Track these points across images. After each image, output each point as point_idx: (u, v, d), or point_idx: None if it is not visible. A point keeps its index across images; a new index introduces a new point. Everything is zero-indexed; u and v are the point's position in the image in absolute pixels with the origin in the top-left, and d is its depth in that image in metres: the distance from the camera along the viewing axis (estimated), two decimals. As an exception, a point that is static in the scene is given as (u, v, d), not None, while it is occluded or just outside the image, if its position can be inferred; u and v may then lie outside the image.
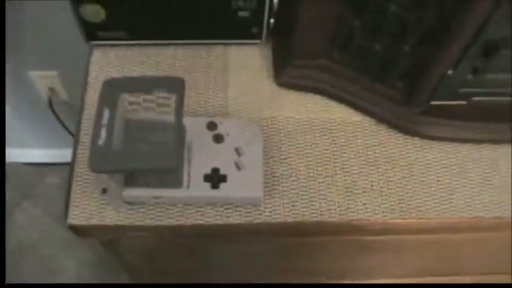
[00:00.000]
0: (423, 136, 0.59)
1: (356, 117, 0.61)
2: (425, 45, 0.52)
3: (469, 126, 0.58)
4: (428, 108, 0.58)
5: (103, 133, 0.47)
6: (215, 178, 0.53)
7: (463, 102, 0.59)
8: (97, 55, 0.63)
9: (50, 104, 1.05)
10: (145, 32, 0.63)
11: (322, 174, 0.57)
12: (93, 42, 0.63)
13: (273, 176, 0.57)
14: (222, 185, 0.53)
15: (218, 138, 0.55)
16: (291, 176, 0.57)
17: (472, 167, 0.59)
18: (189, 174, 0.53)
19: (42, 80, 1.01)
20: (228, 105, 0.61)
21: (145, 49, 0.64)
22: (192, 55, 0.64)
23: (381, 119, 0.60)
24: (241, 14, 0.60)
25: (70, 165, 0.57)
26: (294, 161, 0.58)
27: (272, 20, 0.61)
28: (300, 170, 0.57)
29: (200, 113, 0.60)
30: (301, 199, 0.56)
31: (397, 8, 0.50)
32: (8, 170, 1.28)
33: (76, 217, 0.54)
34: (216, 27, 0.62)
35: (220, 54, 0.64)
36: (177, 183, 0.53)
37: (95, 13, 0.59)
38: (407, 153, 0.59)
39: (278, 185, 0.56)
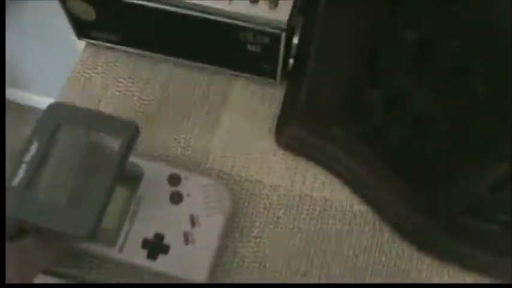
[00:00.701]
0: (436, 256, 0.46)
1: (359, 206, 0.48)
2: (458, 150, 0.39)
3: (497, 262, 0.45)
4: (450, 225, 0.45)
5: (21, 172, 0.39)
6: (155, 247, 0.44)
7: (495, 228, 0.45)
8: (86, 54, 0.55)
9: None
10: (141, 41, 0.53)
11: (293, 270, 0.46)
12: (86, 39, 0.54)
13: (235, 256, 0.46)
14: (161, 257, 0.43)
15: (175, 198, 0.45)
16: (255, 262, 0.46)
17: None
18: (127, 234, 0.44)
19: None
20: (209, 151, 0.50)
21: (140, 59, 0.54)
22: (190, 79, 0.53)
23: (388, 220, 0.47)
24: (250, 47, 0.48)
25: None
26: (265, 243, 0.47)
27: (291, 61, 0.50)
28: (268, 257, 0.46)
29: (171, 155, 0.50)
30: (260, 293, 0.45)
31: (426, 100, 0.37)
32: None
33: None
34: (222, 53, 0.51)
35: (223, 85, 0.53)
36: (109, 242, 0.44)
37: (85, 10, 0.49)
38: (408, 270, 0.46)
39: (238, 271, 0.46)
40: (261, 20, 0.45)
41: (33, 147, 0.40)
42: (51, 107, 0.42)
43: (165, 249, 0.43)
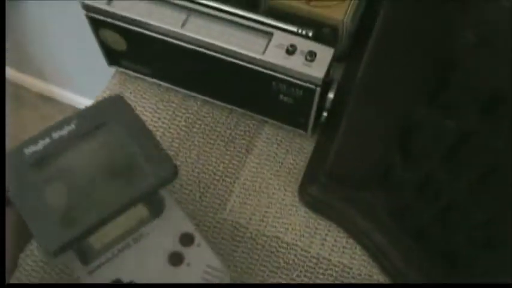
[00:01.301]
0: None
1: (379, 276, 0.45)
2: (490, 251, 0.36)
3: None
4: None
5: (40, 144, 0.36)
6: None
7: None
8: (115, 81, 0.53)
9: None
10: (170, 76, 0.51)
11: (302, 338, 0.44)
12: (116, 67, 0.53)
13: (241, 315, 0.44)
14: None
15: (174, 259, 0.40)
16: (262, 324, 0.44)
17: None
18: (105, 262, 0.39)
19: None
20: (228, 199, 0.48)
21: (169, 93, 0.53)
22: (217, 119, 0.51)
23: (409, 294, 0.44)
24: (283, 98, 0.46)
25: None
26: (276, 306, 0.45)
27: (325, 114, 0.47)
28: (276, 321, 0.44)
29: (188, 198, 0.48)
30: None
31: (461, 192, 0.34)
32: None
33: None
34: (253, 99, 0.49)
35: (251, 129, 0.51)
36: (83, 258, 0.39)
37: (116, 41, 0.48)
38: None
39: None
40: (295, 73, 0.43)
41: (67, 129, 0.37)
42: (112, 99, 0.39)
43: None
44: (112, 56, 0.51)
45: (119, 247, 0.39)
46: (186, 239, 0.40)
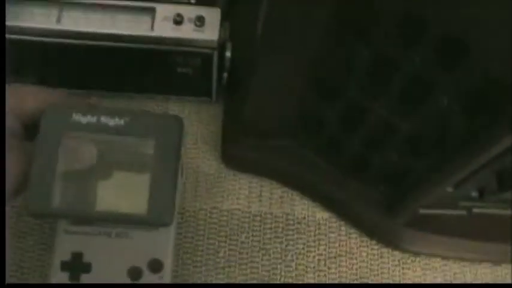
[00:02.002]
0: (405, 251, 0.46)
1: (322, 214, 0.47)
2: (421, 158, 0.38)
3: (464, 244, 0.45)
4: (415, 218, 0.45)
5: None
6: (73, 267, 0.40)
7: (462, 213, 0.45)
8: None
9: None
10: (59, 79, 0.48)
11: (269, 294, 0.45)
12: None
13: (204, 293, 0.44)
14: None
15: (133, 276, 0.40)
16: (227, 294, 0.44)
17: (463, 292, 0.46)
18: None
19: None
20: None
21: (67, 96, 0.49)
22: (119, 110, 0.49)
23: (353, 222, 0.46)
24: (181, 70, 0.45)
25: None
26: (234, 272, 0.44)
27: (225, 75, 0.47)
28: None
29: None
30: (238, 326, 0.43)
31: (383, 111, 0.36)
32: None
33: None
34: (151, 80, 0.47)
35: (157, 112, 0.49)
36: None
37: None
38: (381, 268, 0.46)
39: (211, 305, 0.44)
40: (188, 42, 0.42)
41: (115, 121, 0.37)
42: (172, 119, 0.37)
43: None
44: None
45: (102, 230, 0.40)
46: (156, 265, 0.40)
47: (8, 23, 0.41)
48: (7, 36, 0.41)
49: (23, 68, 0.46)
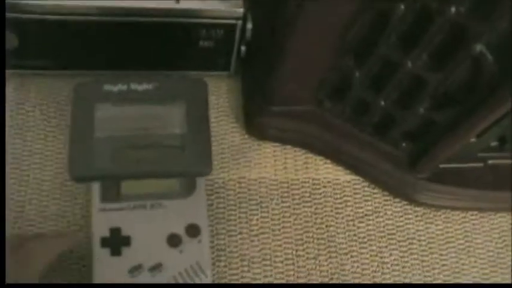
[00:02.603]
0: (427, 205, 0.48)
1: (346, 177, 0.49)
2: (446, 110, 0.40)
3: (484, 195, 0.47)
4: (435, 173, 0.47)
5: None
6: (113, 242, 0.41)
7: (479, 165, 0.47)
8: (11, 88, 0.48)
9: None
10: (79, 61, 0.47)
11: (303, 256, 0.45)
12: (8, 70, 0.47)
13: (242, 260, 0.45)
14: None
15: (172, 242, 0.41)
16: (264, 260, 0.45)
17: (481, 241, 0.48)
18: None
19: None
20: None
21: (77, 78, 0.48)
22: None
23: (376, 182, 0.48)
24: (202, 44, 0.46)
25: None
26: (268, 238, 0.46)
27: (243, 48, 0.47)
28: (275, 251, 0.45)
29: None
30: (276, 289, 0.44)
31: (415, 66, 0.37)
32: None
33: None
34: (169, 56, 0.47)
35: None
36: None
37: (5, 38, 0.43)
38: (406, 224, 0.48)
39: (248, 271, 0.44)
40: (215, 13, 0.43)
41: (144, 86, 0.39)
42: (196, 82, 0.41)
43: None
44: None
45: (136, 204, 0.42)
46: (193, 230, 0.42)
47: (25, 1, 0.41)
48: (26, 16, 0.41)
49: (36, 53, 0.46)
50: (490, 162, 0.47)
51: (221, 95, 0.50)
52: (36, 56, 0.46)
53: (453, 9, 0.32)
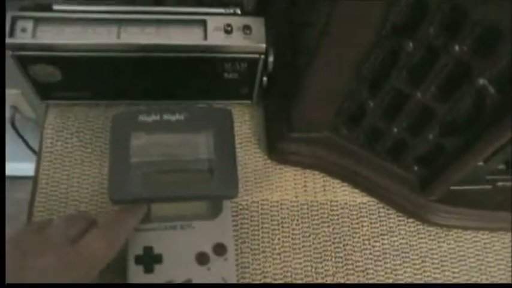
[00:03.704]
0: (439, 225, 0.51)
1: (362, 198, 0.52)
2: (454, 137, 0.43)
3: (494, 215, 0.50)
4: (446, 194, 0.50)
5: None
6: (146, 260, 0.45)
7: (488, 187, 0.50)
8: (52, 117, 0.52)
9: (13, 123, 0.93)
10: (114, 92, 0.52)
11: (322, 273, 0.48)
12: (49, 101, 0.52)
13: (264, 277, 0.48)
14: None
15: (201, 260, 0.45)
16: (285, 277, 0.48)
17: (493, 260, 0.51)
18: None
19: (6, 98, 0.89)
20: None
21: (111, 108, 0.53)
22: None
23: (391, 203, 0.51)
24: (227, 76, 0.49)
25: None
26: (289, 256, 0.49)
27: (265, 79, 0.51)
28: (295, 269, 0.48)
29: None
30: (297, 304, 0.47)
31: (424, 97, 0.41)
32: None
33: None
34: (196, 88, 0.51)
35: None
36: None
37: (48, 73, 0.47)
38: (419, 243, 0.51)
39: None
40: (239, 48, 0.46)
41: (176, 117, 0.42)
42: (222, 111, 0.44)
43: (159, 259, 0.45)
44: (44, 91, 0.50)
45: (167, 225, 0.46)
46: (220, 249, 0.46)
47: (73, 41, 0.45)
48: (71, 54, 0.46)
49: (76, 85, 0.50)
50: (499, 184, 0.50)
51: (244, 122, 0.54)
52: (76, 88, 0.50)
53: (457, 48, 0.36)
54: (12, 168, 1.17)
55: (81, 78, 0.49)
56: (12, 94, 0.89)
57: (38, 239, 0.38)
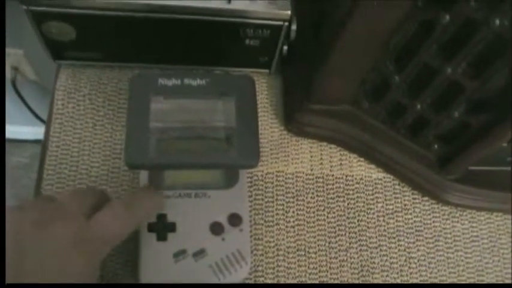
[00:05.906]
0: (454, 205, 0.50)
1: (377, 174, 0.51)
2: (481, 115, 0.42)
3: (508, 197, 0.50)
4: (464, 174, 0.49)
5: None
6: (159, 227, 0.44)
7: (507, 168, 0.50)
8: (64, 78, 0.50)
9: (14, 84, 0.91)
10: (129, 54, 0.50)
11: (335, 248, 0.48)
12: (62, 61, 0.50)
13: (278, 250, 0.47)
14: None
15: (215, 230, 0.44)
16: (298, 250, 0.47)
17: (505, 242, 0.51)
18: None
19: (7, 58, 0.87)
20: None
21: (125, 71, 0.51)
22: (183, 83, 0.52)
23: (406, 180, 0.50)
24: (248, 42, 0.48)
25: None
26: (303, 229, 0.48)
27: (286, 47, 0.50)
28: (309, 242, 0.48)
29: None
30: (310, 278, 0.47)
31: (454, 73, 0.40)
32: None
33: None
34: (217, 53, 0.50)
35: (218, 83, 0.52)
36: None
37: (63, 32, 0.46)
38: (433, 222, 0.50)
39: (283, 260, 0.47)
40: (263, 14, 0.45)
41: (197, 82, 0.40)
42: (244, 78, 0.42)
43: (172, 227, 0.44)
44: (57, 50, 0.48)
45: (182, 192, 0.45)
46: (235, 219, 0.45)
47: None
48: (88, 11, 0.44)
49: (90, 45, 0.48)
50: (518, 165, 0.49)
51: (261, 91, 0.52)
52: (89, 48, 0.48)
53: (497, 22, 0.35)
54: (12, 131, 1.15)
55: (96, 39, 0.47)
56: (13, 54, 0.87)
57: (50, 206, 0.37)
